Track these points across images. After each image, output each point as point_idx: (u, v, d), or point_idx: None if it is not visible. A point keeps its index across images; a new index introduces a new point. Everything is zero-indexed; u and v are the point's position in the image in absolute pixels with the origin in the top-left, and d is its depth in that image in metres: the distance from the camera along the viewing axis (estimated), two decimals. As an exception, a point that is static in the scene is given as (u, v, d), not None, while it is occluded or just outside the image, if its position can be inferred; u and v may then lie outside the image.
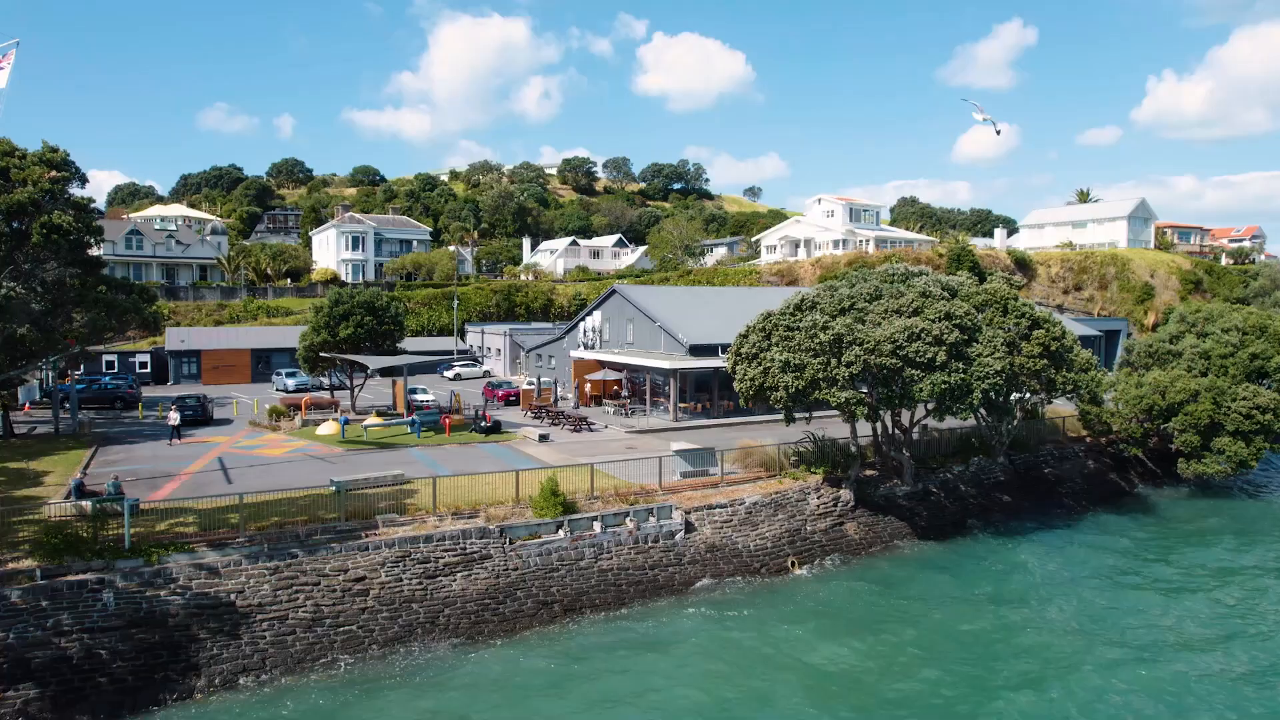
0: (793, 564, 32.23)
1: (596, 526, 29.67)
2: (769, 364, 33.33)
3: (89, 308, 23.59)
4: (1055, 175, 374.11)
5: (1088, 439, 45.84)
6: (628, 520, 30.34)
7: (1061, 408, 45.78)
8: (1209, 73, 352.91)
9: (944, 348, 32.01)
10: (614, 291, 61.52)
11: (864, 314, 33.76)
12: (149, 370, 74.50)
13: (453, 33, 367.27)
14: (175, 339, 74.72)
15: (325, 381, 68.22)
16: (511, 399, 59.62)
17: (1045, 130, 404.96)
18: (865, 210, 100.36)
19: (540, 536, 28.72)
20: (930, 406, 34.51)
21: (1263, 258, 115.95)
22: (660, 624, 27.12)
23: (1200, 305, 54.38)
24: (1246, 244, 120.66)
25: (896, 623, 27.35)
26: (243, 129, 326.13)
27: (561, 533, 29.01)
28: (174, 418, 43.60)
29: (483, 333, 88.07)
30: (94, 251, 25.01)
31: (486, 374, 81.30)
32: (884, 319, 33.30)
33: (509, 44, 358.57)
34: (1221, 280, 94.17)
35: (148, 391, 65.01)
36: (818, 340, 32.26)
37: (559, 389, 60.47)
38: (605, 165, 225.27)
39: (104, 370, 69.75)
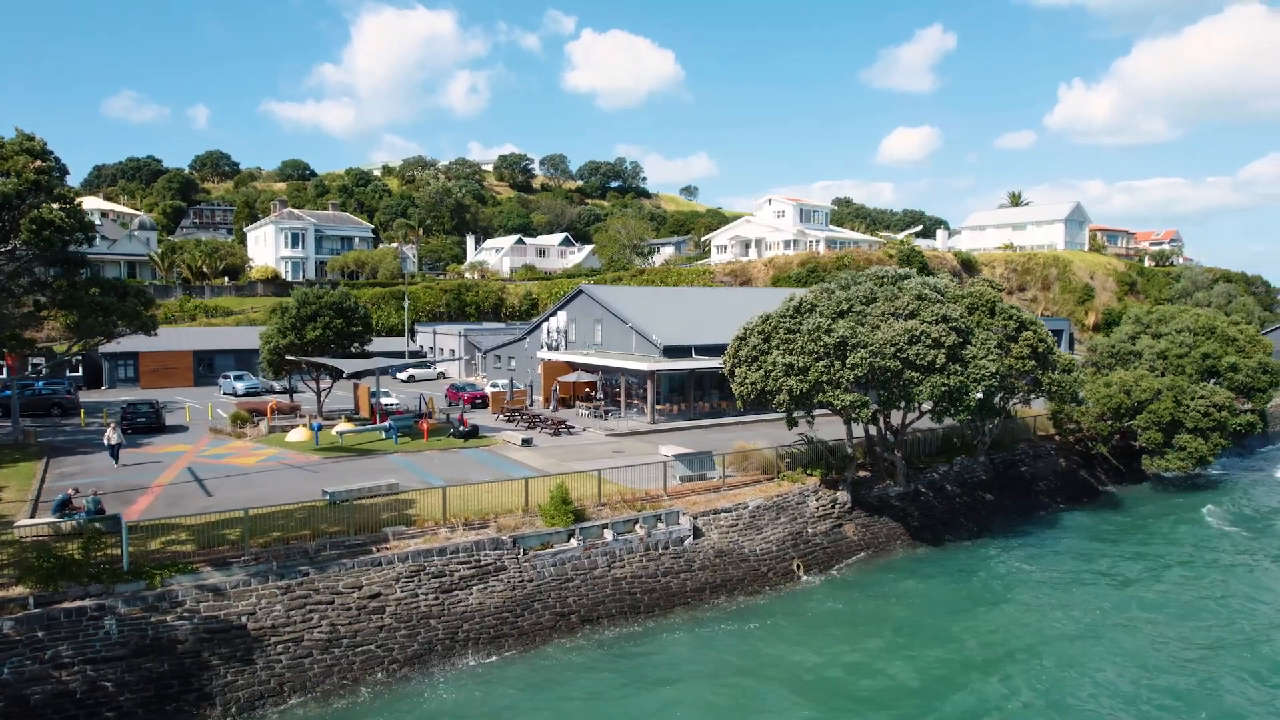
0: (798, 567, 32.15)
1: (608, 534, 29.01)
2: (770, 367, 33.13)
3: (84, 312, 21.78)
4: (976, 177, 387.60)
5: (1056, 437, 47.16)
6: (637, 527, 29.76)
7: (1030, 407, 46.90)
8: (1113, 82, 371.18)
9: (943, 350, 32.34)
10: (581, 291, 60.75)
11: (862, 316, 33.88)
12: (81, 374, 70.42)
13: (376, 24, 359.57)
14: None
15: (277, 385, 65.75)
16: (478, 401, 58.29)
17: (965, 133, 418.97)
18: (815, 211, 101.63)
19: (552, 546, 27.92)
20: (925, 408, 34.89)
21: (1180, 260, 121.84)
22: (677, 634, 26.66)
23: (1152, 307, 56.60)
24: (1166, 247, 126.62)
25: (907, 631, 27.28)
26: (154, 118, 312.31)
27: (574, 542, 28.26)
28: (113, 436, 36.11)
29: (434, 333, 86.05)
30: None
31: (441, 375, 79.47)
32: (882, 322, 33.48)
33: (434, 37, 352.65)
34: (1152, 282, 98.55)
35: (83, 396, 61.37)
36: (821, 343, 32.22)
37: (531, 392, 59.39)
38: (542, 162, 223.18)
39: (32, 374, 65.50)
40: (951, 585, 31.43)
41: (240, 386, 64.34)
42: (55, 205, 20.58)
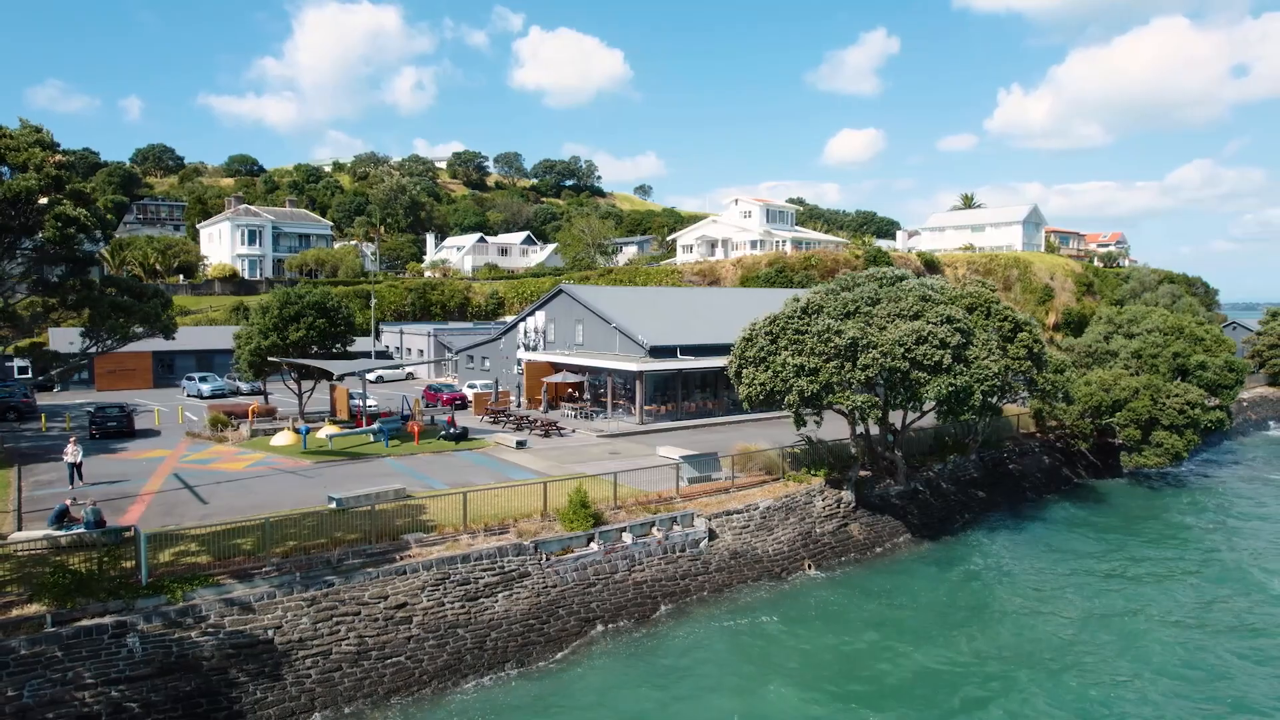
0: (809, 567, 32.21)
1: (627, 538, 28.66)
2: (780, 368, 33.09)
3: (103, 313, 20.58)
4: (919, 179, 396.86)
5: (1038, 435, 48.16)
6: (654, 529, 29.48)
7: (1013, 405, 47.79)
8: (1049, 89, 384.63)
9: (949, 350, 32.70)
10: (561, 291, 60.11)
11: (869, 318, 34.07)
12: (30, 375, 67.19)
13: (318, 17, 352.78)
14: (62, 340, 67.54)
15: (244, 387, 63.80)
16: (457, 403, 57.27)
17: (909, 136, 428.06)
18: (781, 212, 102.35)
19: (573, 551, 27.47)
20: (928, 408, 35.26)
21: (1127, 262, 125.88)
22: (702, 638, 26.44)
23: (1122, 308, 58.15)
24: (1113, 249, 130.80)
25: (920, 629, 27.46)
26: (82, 109, 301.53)
27: (594, 545, 27.84)
28: (73, 453, 31.99)
29: (401, 333, 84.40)
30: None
31: (409, 376, 77.99)
32: (889, 323, 33.72)
33: (380, 31, 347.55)
34: (1106, 283, 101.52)
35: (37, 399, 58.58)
36: (832, 344, 32.30)
37: (519, 394, 58.62)
38: (496, 160, 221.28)
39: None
40: (955, 582, 31.82)
41: (205, 388, 62.16)
42: (70, 201, 19.46)
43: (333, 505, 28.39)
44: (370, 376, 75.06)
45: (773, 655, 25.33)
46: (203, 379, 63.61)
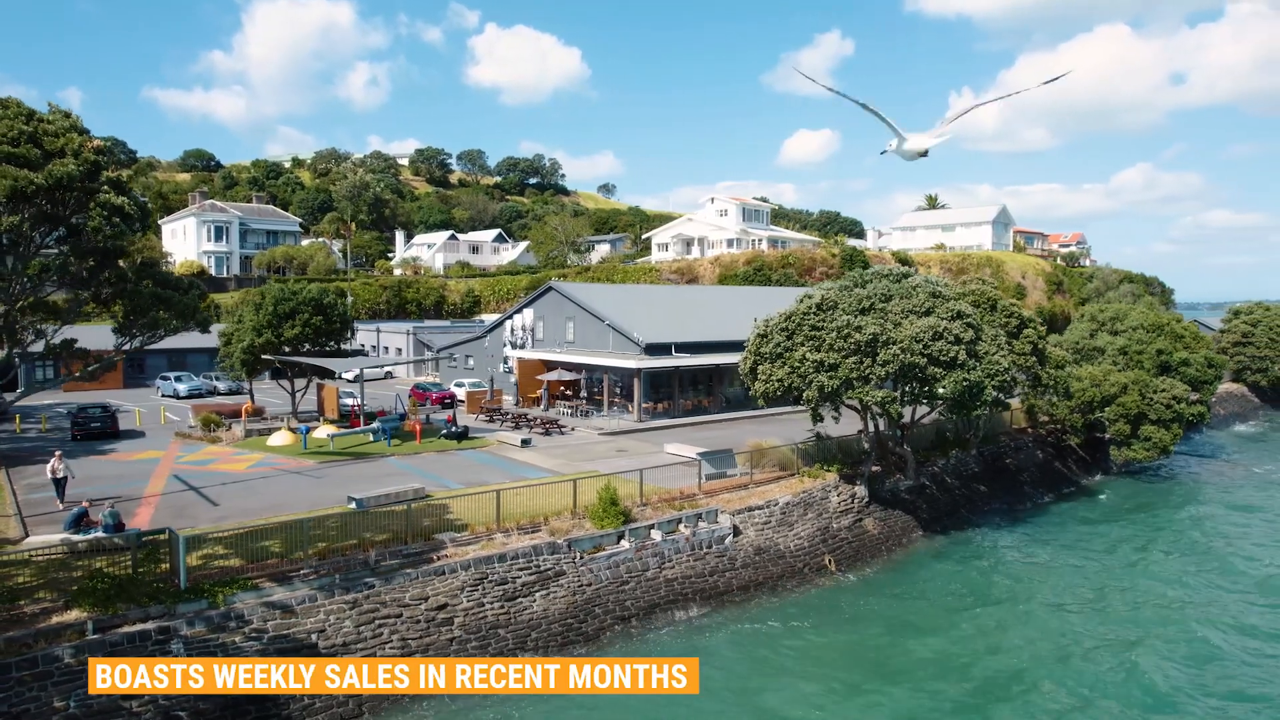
0: (829, 563, 32.29)
1: (656, 535, 28.45)
2: (798, 364, 33.14)
3: (143, 306, 19.72)
4: (873, 180, 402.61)
5: (1029, 430, 49.00)
6: (681, 526, 29.32)
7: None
8: (999, 92, 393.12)
9: (962, 346, 33.06)
10: (550, 288, 59.63)
11: (884, 314, 34.29)
12: (-7, 375, 64.60)
13: (269, 11, 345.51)
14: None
15: (220, 387, 62.20)
16: (446, 401, 56.46)
17: (863, 137, 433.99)
18: (758, 211, 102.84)
19: (604, 549, 27.18)
20: (940, 404, 35.61)
21: (1088, 262, 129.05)
22: (730, 636, 26.36)
23: (1104, 305, 59.47)
24: (1075, 249, 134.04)
25: (937, 624, 27.74)
26: (20, 99, 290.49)
27: (625, 543, 27.59)
28: (58, 467, 29.35)
29: (378, 331, 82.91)
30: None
31: (388, 375, 76.67)
32: (903, 319, 33.97)
33: (333, 26, 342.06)
34: (1073, 281, 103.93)
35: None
36: (852, 340, 32.44)
37: (516, 392, 58.04)
38: (460, 158, 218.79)
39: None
40: (967, 576, 32.20)
41: (182, 388, 60.35)
42: (110, 189, 18.63)
43: (352, 506, 27.77)
44: (349, 375, 73.68)
45: (805, 654, 25.32)
46: (178, 378, 61.77)
